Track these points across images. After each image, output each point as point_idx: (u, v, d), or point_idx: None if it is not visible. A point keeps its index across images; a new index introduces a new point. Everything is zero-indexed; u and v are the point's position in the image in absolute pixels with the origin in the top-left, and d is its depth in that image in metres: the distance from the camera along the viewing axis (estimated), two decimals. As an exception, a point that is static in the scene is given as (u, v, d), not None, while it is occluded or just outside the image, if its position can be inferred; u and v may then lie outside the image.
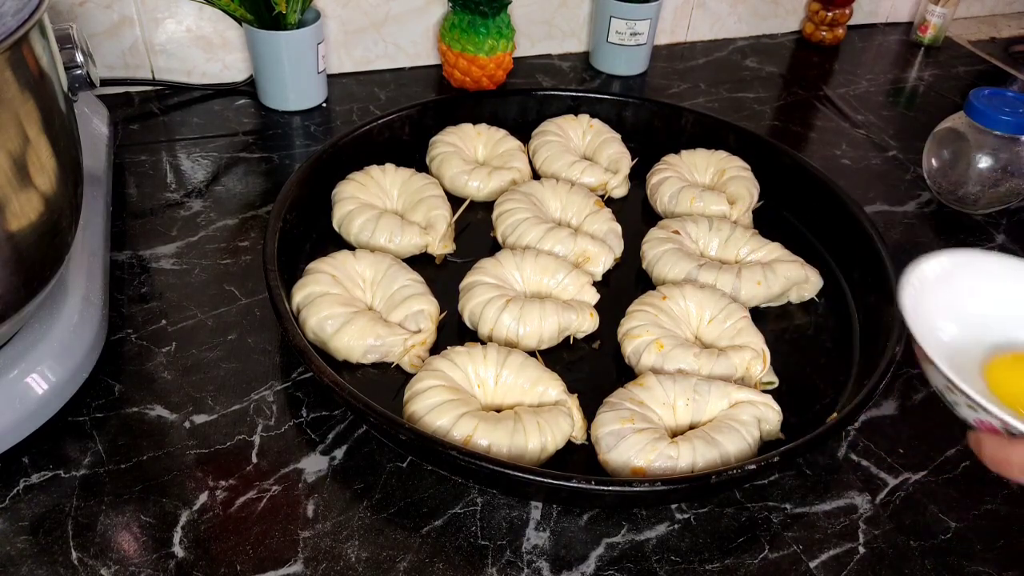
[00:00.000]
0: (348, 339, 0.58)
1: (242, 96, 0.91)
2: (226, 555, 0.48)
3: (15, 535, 0.48)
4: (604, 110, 0.86)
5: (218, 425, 0.55)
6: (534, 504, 0.52)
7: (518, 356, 0.57)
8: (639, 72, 1.03)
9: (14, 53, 0.43)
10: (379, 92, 0.95)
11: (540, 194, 0.73)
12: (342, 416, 0.57)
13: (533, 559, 0.49)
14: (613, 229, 0.72)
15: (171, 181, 0.78)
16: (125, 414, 0.56)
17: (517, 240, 0.69)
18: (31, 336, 0.53)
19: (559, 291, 0.65)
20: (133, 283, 0.66)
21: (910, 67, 1.12)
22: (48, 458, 0.52)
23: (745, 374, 0.59)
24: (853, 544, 0.51)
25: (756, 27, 1.15)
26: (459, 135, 0.80)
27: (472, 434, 0.52)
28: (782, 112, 0.98)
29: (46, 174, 0.48)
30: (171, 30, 0.88)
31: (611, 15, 0.98)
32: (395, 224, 0.69)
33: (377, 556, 0.48)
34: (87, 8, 0.84)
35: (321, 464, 0.53)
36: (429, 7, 0.96)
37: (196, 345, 0.61)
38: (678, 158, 0.80)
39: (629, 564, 0.49)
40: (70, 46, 0.56)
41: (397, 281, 0.63)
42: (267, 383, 0.59)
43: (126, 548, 0.48)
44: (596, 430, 0.54)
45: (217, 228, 0.72)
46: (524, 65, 1.03)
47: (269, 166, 0.81)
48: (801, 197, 0.77)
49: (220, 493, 0.51)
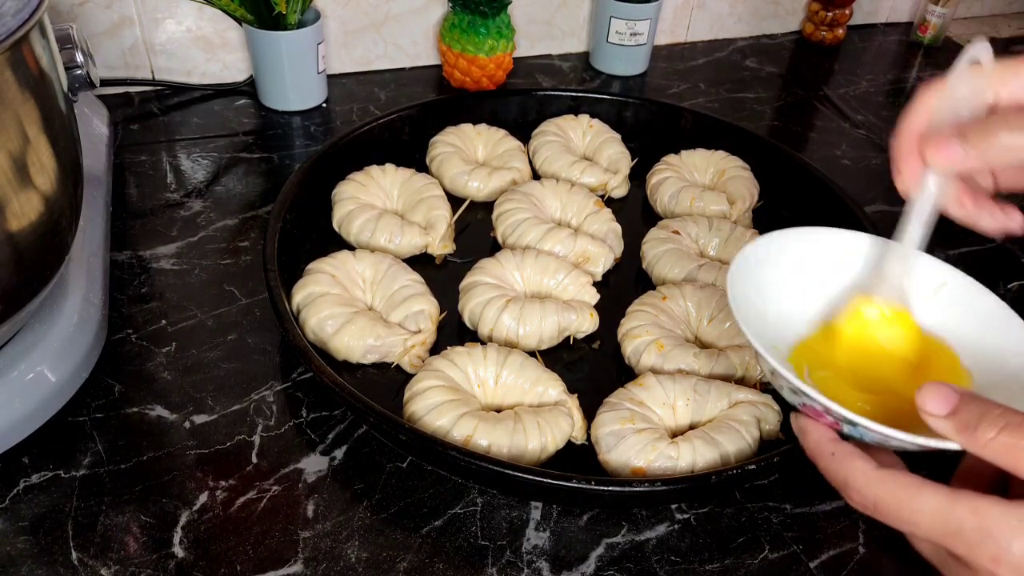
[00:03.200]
0: (348, 339, 0.58)
1: (242, 96, 0.91)
2: (226, 555, 0.48)
3: (15, 535, 0.48)
4: (604, 110, 0.86)
5: (218, 425, 0.55)
6: (534, 504, 0.52)
7: (518, 356, 0.57)
8: (639, 72, 1.03)
9: (14, 53, 0.43)
10: (379, 92, 0.95)
11: (540, 194, 0.73)
12: (342, 416, 0.57)
13: (533, 559, 0.49)
14: (613, 229, 0.72)
15: (171, 181, 0.78)
16: (125, 414, 0.56)
17: (517, 240, 0.69)
18: (31, 336, 0.53)
19: (559, 291, 0.65)
20: (133, 283, 0.66)
21: (910, 67, 1.12)
22: (48, 458, 0.52)
23: (745, 374, 0.59)
24: (853, 544, 0.51)
25: (756, 27, 1.15)
26: (459, 135, 0.80)
27: (472, 434, 0.52)
28: (782, 112, 0.98)
29: (46, 174, 0.48)
30: (171, 30, 0.88)
31: (611, 15, 0.98)
32: (395, 224, 0.69)
33: (377, 556, 0.48)
34: (87, 8, 0.84)
35: (321, 464, 0.53)
36: (429, 7, 0.96)
37: (196, 345, 0.61)
38: (678, 158, 0.80)
39: (629, 564, 0.49)
40: (70, 46, 0.56)
41: (397, 281, 0.63)
42: (267, 383, 0.59)
43: (126, 548, 0.48)
44: (596, 430, 0.54)
45: (217, 228, 0.72)
46: (524, 65, 1.03)
47: (269, 166, 0.81)
48: (801, 197, 0.77)
49: (220, 493, 0.51)
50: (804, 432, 0.40)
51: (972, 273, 0.47)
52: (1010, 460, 0.33)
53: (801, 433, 0.40)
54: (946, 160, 0.39)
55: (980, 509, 0.33)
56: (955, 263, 0.47)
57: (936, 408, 0.35)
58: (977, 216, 0.43)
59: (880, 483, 0.36)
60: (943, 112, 0.40)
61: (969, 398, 0.35)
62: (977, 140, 0.37)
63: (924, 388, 0.36)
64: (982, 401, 0.35)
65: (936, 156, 0.39)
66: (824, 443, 0.38)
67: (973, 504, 0.33)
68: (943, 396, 0.35)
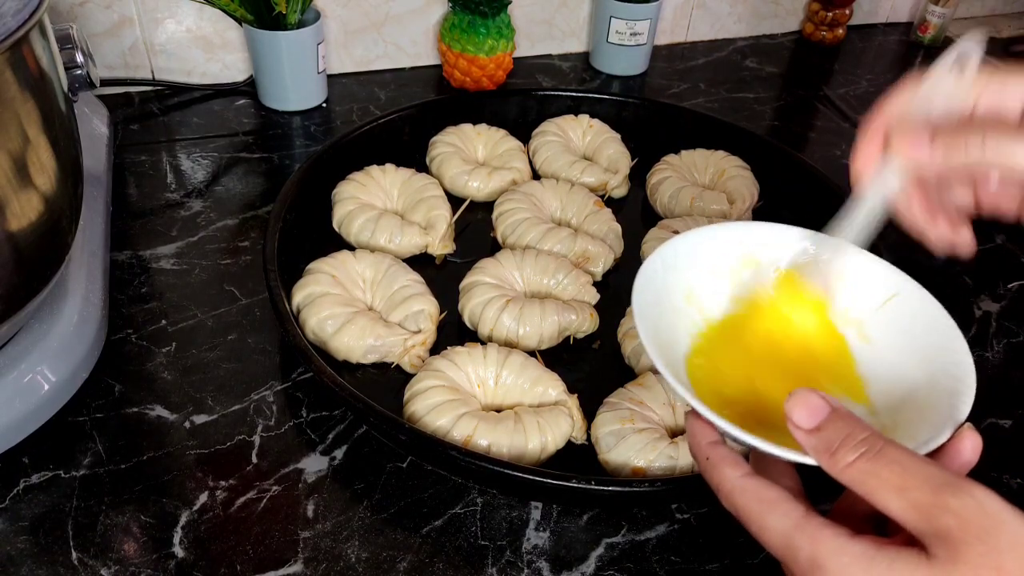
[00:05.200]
0: (348, 339, 0.58)
1: (242, 96, 0.91)
2: (226, 555, 0.48)
3: (15, 535, 0.48)
4: (604, 110, 0.86)
5: (218, 425, 0.55)
6: (534, 504, 0.52)
7: (518, 356, 0.57)
8: (639, 72, 1.03)
9: (14, 53, 0.43)
10: (379, 92, 0.95)
11: (540, 194, 0.73)
12: (342, 416, 0.57)
13: (533, 559, 0.49)
14: (613, 229, 0.72)
15: (171, 181, 0.78)
16: (125, 414, 0.56)
17: (517, 240, 0.69)
18: (31, 336, 0.53)
19: (559, 291, 0.65)
20: (133, 283, 0.66)
21: (910, 67, 1.12)
22: (48, 458, 0.52)
23: (745, 374, 0.59)
24: (853, 544, 0.51)
25: (756, 27, 1.15)
26: (459, 135, 0.80)
27: (472, 434, 0.52)
28: (782, 112, 0.98)
29: (46, 174, 0.48)
30: (171, 30, 0.88)
31: (611, 15, 0.98)
32: (395, 224, 0.69)
33: (377, 556, 0.48)
34: (87, 8, 0.84)
35: (321, 464, 0.53)
36: (429, 7, 0.96)
37: (196, 345, 0.61)
38: (678, 158, 0.80)
39: (629, 564, 0.49)
40: (70, 46, 0.56)
41: (397, 281, 0.63)
42: (267, 383, 0.59)
43: (126, 548, 0.48)
44: (596, 430, 0.54)
45: (217, 228, 0.72)
46: (524, 65, 1.03)
47: (269, 166, 0.81)
48: (801, 197, 0.77)
49: (220, 493, 0.51)
50: (689, 433, 0.38)
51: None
52: (865, 489, 0.31)
53: (688, 433, 0.39)
54: (910, 153, 0.36)
55: (818, 539, 0.31)
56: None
57: (802, 420, 0.33)
58: (925, 225, 0.40)
59: (740, 494, 0.34)
60: (918, 107, 0.38)
61: (837, 415, 0.32)
62: (947, 143, 0.35)
63: (794, 395, 0.33)
64: (850, 420, 0.32)
65: (901, 146, 0.37)
66: (702, 447, 0.37)
67: (813, 533, 0.31)
68: (812, 407, 0.33)
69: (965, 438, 0.34)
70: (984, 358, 0.65)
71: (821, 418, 0.32)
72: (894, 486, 0.30)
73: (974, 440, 0.34)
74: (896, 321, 0.43)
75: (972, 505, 0.28)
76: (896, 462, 0.30)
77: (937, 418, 0.36)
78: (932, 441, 0.34)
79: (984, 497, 0.29)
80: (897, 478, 0.30)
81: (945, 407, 0.37)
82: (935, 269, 0.72)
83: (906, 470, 0.30)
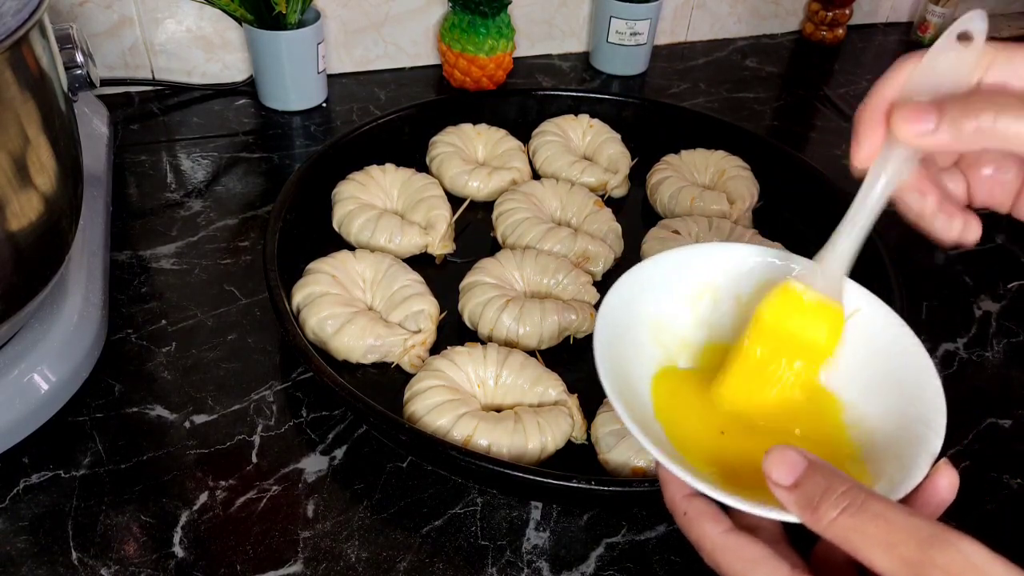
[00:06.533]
0: (348, 339, 0.58)
1: (242, 96, 0.91)
2: (226, 555, 0.48)
3: (15, 535, 0.48)
4: (604, 110, 0.86)
5: (218, 425, 0.55)
6: (534, 504, 0.52)
7: (518, 356, 0.57)
8: (639, 72, 1.03)
9: (14, 53, 0.43)
10: (379, 92, 0.95)
11: (540, 194, 0.73)
12: (342, 416, 0.57)
13: (533, 559, 0.49)
14: (613, 229, 0.72)
15: (171, 181, 0.78)
16: (125, 414, 0.56)
17: (517, 240, 0.69)
18: (31, 336, 0.53)
19: (559, 291, 0.65)
20: (133, 283, 0.66)
21: (910, 67, 1.12)
22: (48, 458, 0.52)
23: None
24: (853, 544, 0.51)
25: (756, 27, 1.15)
26: (459, 135, 0.80)
27: (472, 434, 0.52)
28: (782, 112, 0.98)
29: (46, 174, 0.48)
30: (171, 30, 0.88)
31: (611, 15, 0.98)
32: (395, 224, 0.69)
33: (377, 556, 0.48)
34: (87, 8, 0.84)
35: (321, 464, 0.53)
36: (429, 7, 0.96)
37: (196, 345, 0.61)
38: (678, 158, 0.80)
39: (629, 564, 0.49)
40: (70, 46, 0.56)
41: (397, 281, 0.63)
42: (267, 383, 0.59)
43: (126, 548, 0.48)
44: (596, 430, 0.54)
45: (217, 228, 0.72)
46: (524, 65, 1.03)
47: (269, 166, 0.81)
48: (801, 197, 0.77)
49: (220, 493, 0.51)
50: (663, 484, 0.38)
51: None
52: (850, 545, 0.30)
53: (661, 485, 0.38)
54: (914, 130, 0.33)
55: None
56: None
57: (780, 477, 0.32)
58: (933, 217, 0.37)
59: (722, 551, 0.34)
60: (918, 85, 0.35)
61: (814, 469, 0.32)
62: (956, 115, 0.32)
63: (771, 453, 0.32)
64: (828, 473, 0.31)
65: (903, 125, 0.33)
66: (677, 501, 0.36)
67: None
68: (789, 464, 0.32)
69: (942, 476, 0.34)
70: (984, 358, 0.65)
71: (798, 473, 0.32)
72: (880, 542, 0.29)
73: (951, 477, 0.34)
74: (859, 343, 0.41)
75: (959, 560, 0.28)
76: (880, 516, 0.30)
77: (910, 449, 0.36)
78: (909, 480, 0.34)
79: (971, 550, 0.28)
80: (883, 533, 0.29)
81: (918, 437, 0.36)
82: (935, 269, 0.72)
83: (891, 524, 0.29)
